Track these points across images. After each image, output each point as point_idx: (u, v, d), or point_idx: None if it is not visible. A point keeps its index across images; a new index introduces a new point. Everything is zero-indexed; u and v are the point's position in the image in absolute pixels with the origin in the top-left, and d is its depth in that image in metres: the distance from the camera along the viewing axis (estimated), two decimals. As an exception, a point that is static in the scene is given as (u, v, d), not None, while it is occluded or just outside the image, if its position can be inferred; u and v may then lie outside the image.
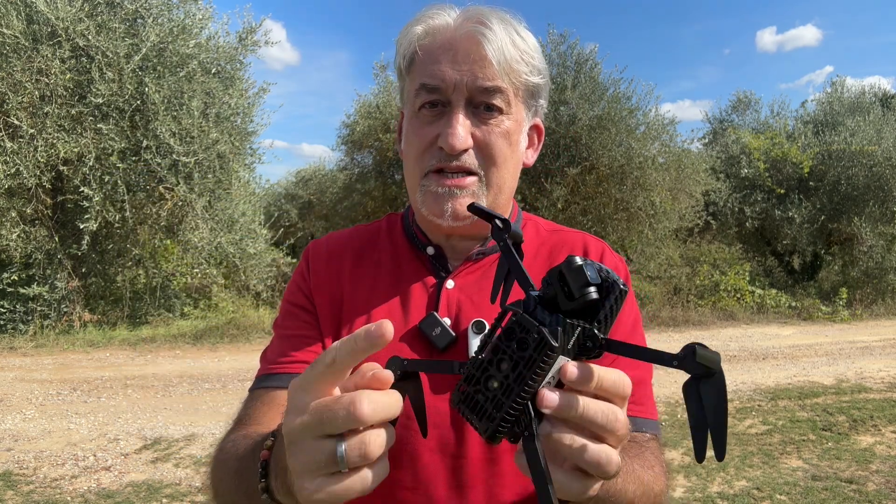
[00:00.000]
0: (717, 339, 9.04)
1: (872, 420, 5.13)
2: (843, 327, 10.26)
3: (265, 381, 0.92)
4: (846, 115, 13.95)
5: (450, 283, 0.94)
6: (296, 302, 0.98)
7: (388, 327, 0.49)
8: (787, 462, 4.30)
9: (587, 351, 0.53)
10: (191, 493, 3.82)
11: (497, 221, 0.61)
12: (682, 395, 5.49)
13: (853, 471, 4.12)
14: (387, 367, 0.58)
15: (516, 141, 0.92)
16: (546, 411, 0.51)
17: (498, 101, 0.87)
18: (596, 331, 0.53)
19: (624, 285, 0.54)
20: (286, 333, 0.96)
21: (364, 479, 0.51)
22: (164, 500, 3.72)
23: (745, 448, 4.54)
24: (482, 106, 0.87)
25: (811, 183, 13.34)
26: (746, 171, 13.43)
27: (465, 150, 0.87)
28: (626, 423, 0.54)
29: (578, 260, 0.53)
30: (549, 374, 0.52)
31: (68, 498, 3.71)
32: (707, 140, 16.16)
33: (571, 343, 0.53)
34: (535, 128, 0.99)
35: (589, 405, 0.51)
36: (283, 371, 0.92)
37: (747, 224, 13.60)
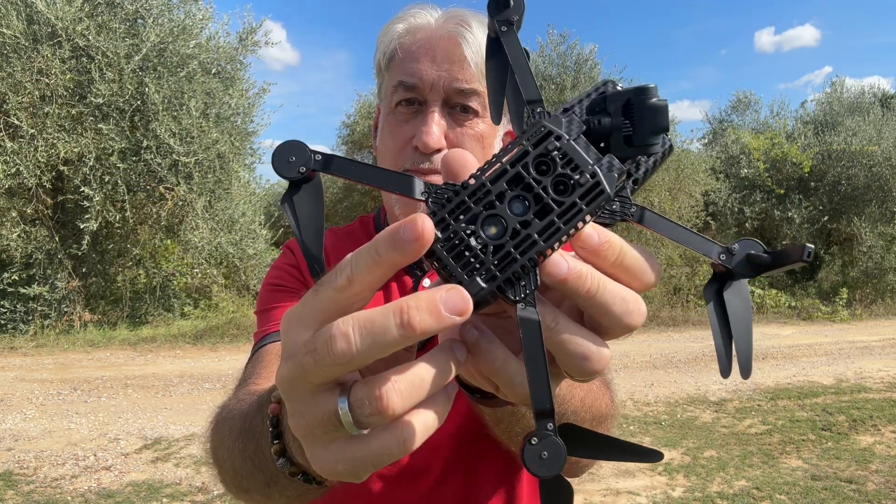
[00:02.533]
0: (717, 339, 9.05)
1: (872, 420, 5.14)
2: (842, 327, 10.27)
3: (263, 340, 0.89)
4: (846, 115, 13.96)
5: (426, 282, 0.94)
6: (284, 284, 0.97)
7: (425, 224, 0.33)
8: (787, 462, 4.31)
9: (611, 213, 0.40)
10: (191, 492, 3.83)
11: None
12: (682, 395, 5.45)
13: (853, 470, 4.12)
14: (275, 159, 0.39)
15: (490, 145, 0.92)
16: (545, 280, 0.37)
17: (474, 104, 0.87)
18: (628, 190, 0.41)
19: (672, 144, 0.42)
20: (276, 305, 0.93)
21: (397, 438, 0.35)
22: (165, 500, 3.72)
23: (745, 448, 4.54)
24: (458, 107, 0.88)
25: (811, 183, 13.35)
26: (746, 171, 13.45)
27: (439, 151, 0.87)
28: (644, 316, 0.39)
29: (657, 93, 0.39)
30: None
31: (69, 498, 3.72)
32: (707, 140, 16.18)
33: None
34: (509, 134, 1.00)
35: (606, 285, 0.37)
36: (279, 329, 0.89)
37: (747, 224, 13.60)
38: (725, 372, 0.42)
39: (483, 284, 0.36)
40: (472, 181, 0.38)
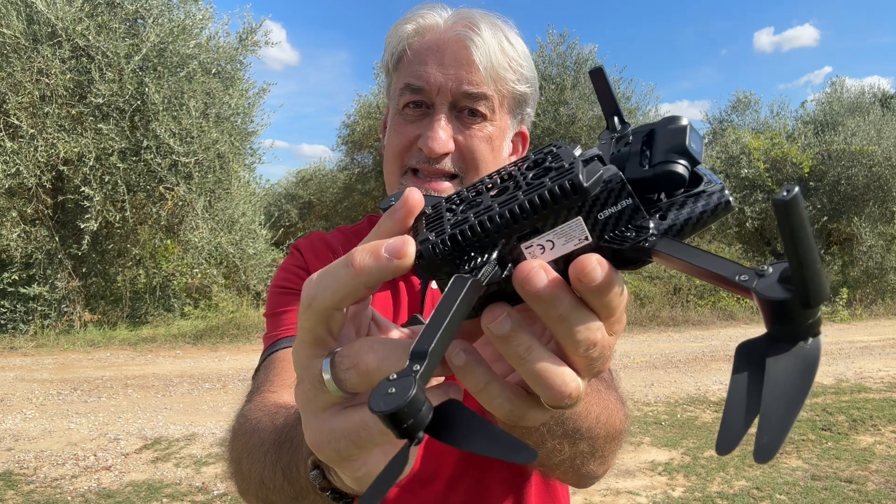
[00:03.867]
0: (717, 338, 9.05)
1: (872, 420, 5.14)
2: (842, 327, 10.27)
3: (275, 346, 0.87)
4: (846, 115, 13.97)
5: (434, 283, 0.94)
6: (292, 286, 0.95)
7: (412, 193, 0.37)
8: (787, 462, 4.31)
9: (621, 240, 0.35)
10: (191, 492, 3.83)
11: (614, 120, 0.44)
12: (682, 395, 5.43)
13: (853, 470, 4.12)
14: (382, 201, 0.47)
15: (498, 147, 0.91)
16: (518, 288, 0.35)
17: (482, 108, 0.86)
18: (651, 223, 0.36)
19: (731, 199, 0.37)
20: (285, 309, 0.92)
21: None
22: (165, 500, 3.72)
23: (745, 448, 4.53)
24: (466, 111, 0.86)
25: (811, 183, 13.35)
26: (746, 171, 13.45)
27: (445, 155, 0.86)
28: (608, 357, 0.39)
29: (684, 120, 0.38)
30: (549, 236, 0.35)
31: (69, 497, 3.72)
32: (707, 140, 16.18)
33: (607, 215, 0.35)
34: (519, 135, 0.98)
35: (579, 312, 0.35)
36: (293, 334, 0.86)
37: (747, 224, 13.60)
38: (725, 447, 0.32)
39: (430, 237, 0.37)
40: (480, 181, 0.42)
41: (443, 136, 0.84)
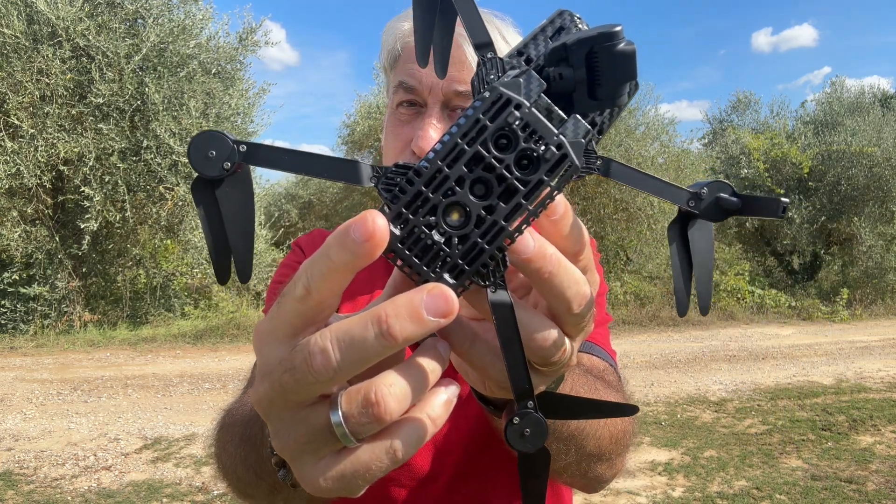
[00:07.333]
0: (717, 339, 9.05)
1: (872, 420, 5.14)
2: (842, 327, 10.27)
3: None
4: (846, 115, 13.95)
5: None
6: None
7: (376, 222, 0.30)
8: (787, 462, 4.31)
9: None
10: (191, 492, 3.83)
11: None
12: (682, 395, 5.44)
13: (853, 470, 4.13)
14: (192, 154, 0.35)
15: None
16: (511, 258, 0.35)
17: None
18: (595, 142, 0.38)
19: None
20: None
21: (387, 448, 0.33)
22: (165, 500, 3.73)
23: (745, 448, 4.54)
24: (459, 109, 0.86)
25: (811, 183, 13.35)
26: (746, 171, 13.44)
27: None
28: (593, 309, 0.38)
29: (626, 40, 0.34)
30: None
31: (69, 497, 3.72)
32: (706, 140, 16.18)
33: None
34: None
35: (566, 266, 0.35)
36: None
37: (747, 224, 13.60)
38: (683, 310, 0.44)
39: (452, 280, 0.34)
40: (427, 165, 0.33)
41: (433, 135, 0.83)
